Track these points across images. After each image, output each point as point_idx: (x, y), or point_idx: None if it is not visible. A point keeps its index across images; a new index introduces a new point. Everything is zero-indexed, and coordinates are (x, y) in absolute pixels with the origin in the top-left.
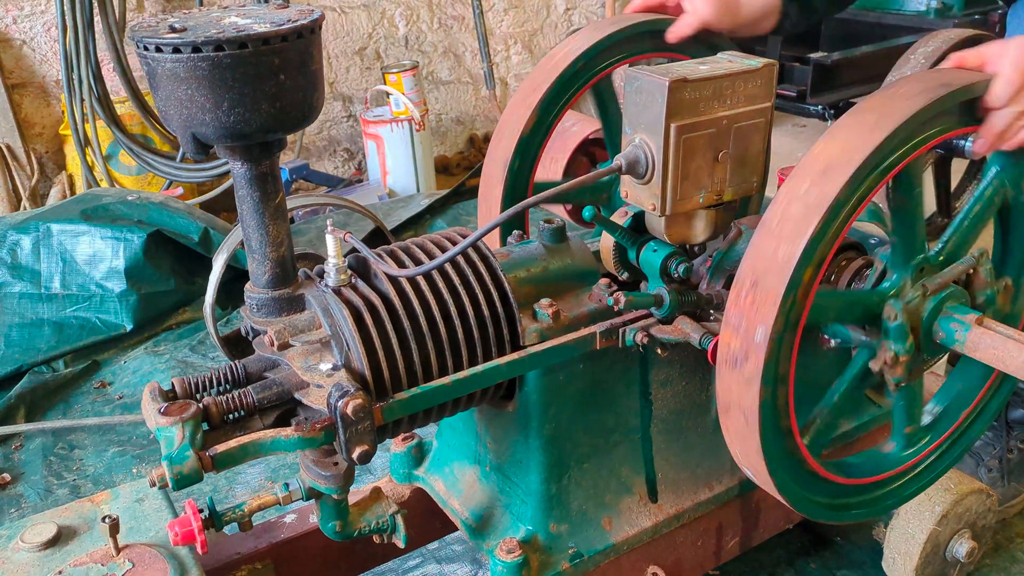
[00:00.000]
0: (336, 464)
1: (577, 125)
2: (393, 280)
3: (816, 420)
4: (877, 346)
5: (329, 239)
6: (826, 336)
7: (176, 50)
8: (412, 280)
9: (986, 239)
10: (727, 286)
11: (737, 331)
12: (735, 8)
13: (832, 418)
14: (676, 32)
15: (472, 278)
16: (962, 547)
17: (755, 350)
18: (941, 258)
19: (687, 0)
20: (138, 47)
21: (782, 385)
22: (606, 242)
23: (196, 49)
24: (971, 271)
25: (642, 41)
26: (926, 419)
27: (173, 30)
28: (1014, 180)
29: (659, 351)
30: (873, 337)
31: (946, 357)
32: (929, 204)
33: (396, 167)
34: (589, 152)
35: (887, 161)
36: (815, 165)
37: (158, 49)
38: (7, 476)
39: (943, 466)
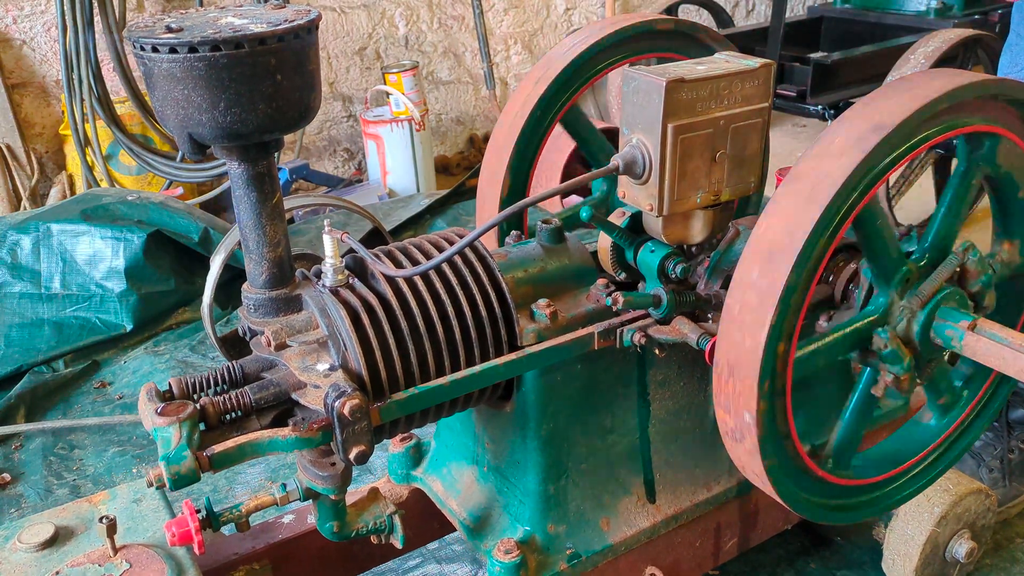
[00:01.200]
0: (333, 464)
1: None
2: (390, 280)
3: (831, 443)
4: (876, 368)
5: (326, 239)
6: (820, 324)
7: (173, 50)
8: (409, 280)
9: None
10: (725, 286)
11: (728, 412)
12: None
13: (851, 436)
14: None
15: (470, 278)
16: (961, 547)
17: (748, 430)
18: (927, 256)
19: None
20: (135, 47)
21: (787, 441)
22: (604, 242)
23: (192, 49)
24: (958, 269)
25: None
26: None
27: (170, 30)
28: (986, 158)
29: (657, 351)
30: (872, 356)
31: None
32: (929, 204)
33: (396, 167)
34: (583, 160)
35: (831, 226)
36: (761, 248)
37: (154, 49)
38: (7, 476)
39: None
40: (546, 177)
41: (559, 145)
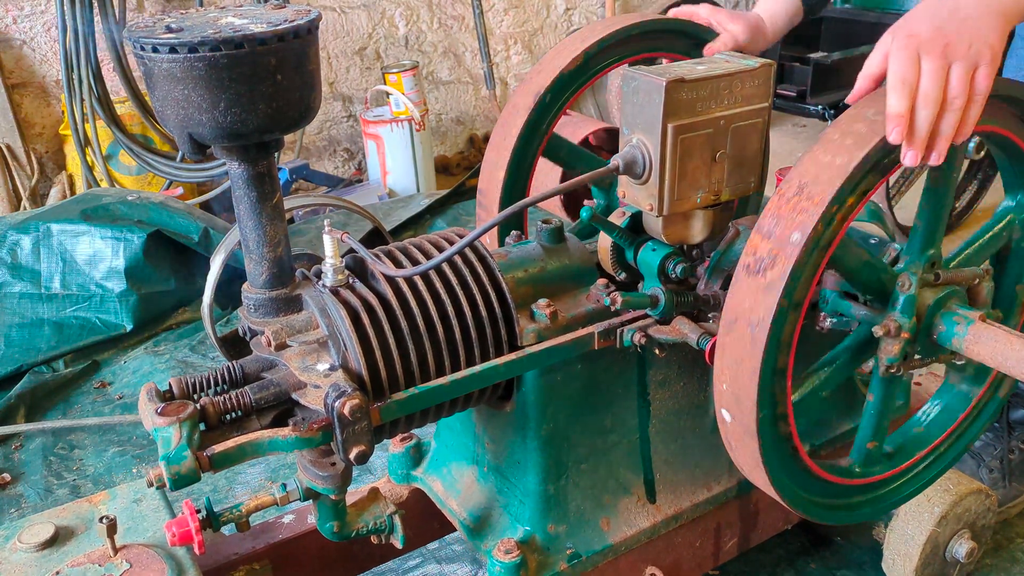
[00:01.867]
0: (333, 464)
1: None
2: (390, 280)
3: (807, 381)
4: (881, 319)
5: (326, 239)
6: (824, 314)
7: (173, 50)
8: (409, 280)
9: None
10: (725, 287)
11: (769, 236)
12: (763, 32)
13: (820, 387)
14: (712, 48)
15: (470, 278)
16: (962, 548)
17: (785, 254)
18: (951, 265)
19: (720, 22)
20: (135, 47)
21: (794, 311)
22: (604, 242)
23: (193, 49)
24: (976, 281)
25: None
26: None
27: (170, 30)
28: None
29: (657, 351)
30: (875, 312)
31: None
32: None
33: (396, 167)
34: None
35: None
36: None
37: (154, 49)
38: (7, 476)
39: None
40: (546, 177)
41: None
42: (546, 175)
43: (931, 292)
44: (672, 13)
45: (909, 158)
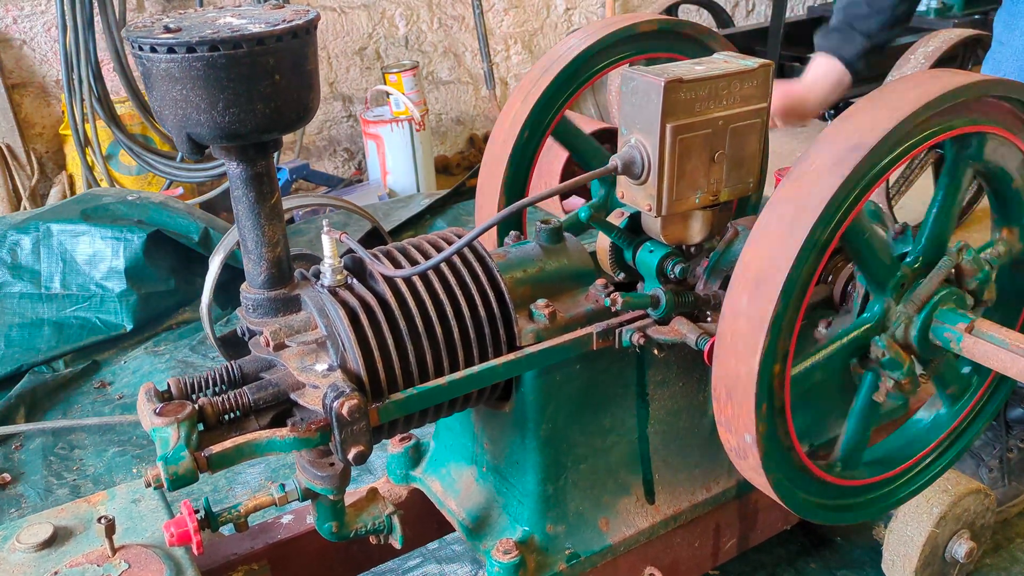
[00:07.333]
0: (332, 465)
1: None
2: (389, 280)
3: (839, 449)
4: (878, 373)
5: (325, 239)
6: (818, 330)
7: (171, 50)
8: (408, 280)
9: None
10: (723, 287)
11: (730, 432)
12: (802, 106)
13: (858, 439)
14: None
15: (468, 278)
16: (961, 548)
17: (750, 450)
18: (921, 258)
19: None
20: (133, 47)
21: (791, 452)
22: (602, 243)
23: (191, 49)
24: (954, 270)
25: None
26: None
27: (168, 30)
28: (975, 155)
29: (656, 352)
30: (872, 363)
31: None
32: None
33: (396, 167)
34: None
35: (817, 247)
36: (748, 275)
37: (153, 49)
38: (7, 476)
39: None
40: (545, 177)
41: (552, 158)
42: (546, 175)
43: (912, 322)
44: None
45: None
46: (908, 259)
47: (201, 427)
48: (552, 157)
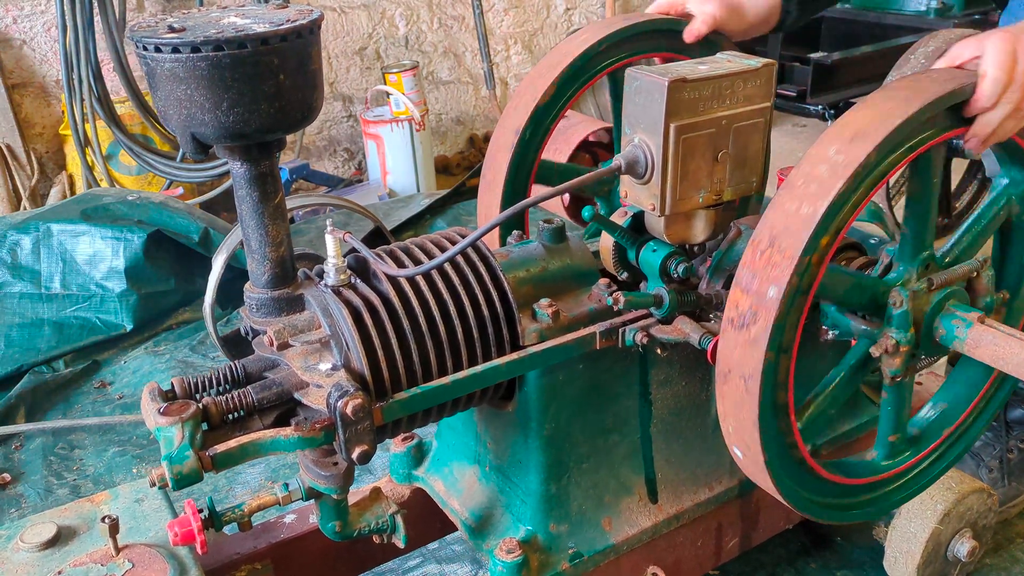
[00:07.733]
0: (336, 464)
1: (581, 124)
2: (392, 280)
3: (811, 405)
4: (878, 334)
5: (328, 239)
6: (825, 327)
7: (175, 50)
8: (411, 280)
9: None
10: (727, 286)
11: (748, 291)
12: (741, 11)
13: (827, 405)
14: (693, 32)
15: (472, 278)
16: (963, 546)
17: (765, 308)
18: (947, 260)
19: (695, 4)
20: (137, 47)
21: (785, 355)
22: (605, 242)
23: (195, 49)
24: (974, 275)
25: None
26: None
27: (172, 30)
28: (1020, 196)
29: (659, 351)
30: (874, 327)
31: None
32: None
33: (396, 167)
34: (592, 151)
35: (915, 138)
36: (844, 133)
37: (157, 49)
38: (7, 476)
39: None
40: (561, 147)
41: (559, 146)
42: (562, 145)
43: (927, 298)
44: (650, 10)
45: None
46: (945, 247)
47: (205, 426)
48: (554, 157)
